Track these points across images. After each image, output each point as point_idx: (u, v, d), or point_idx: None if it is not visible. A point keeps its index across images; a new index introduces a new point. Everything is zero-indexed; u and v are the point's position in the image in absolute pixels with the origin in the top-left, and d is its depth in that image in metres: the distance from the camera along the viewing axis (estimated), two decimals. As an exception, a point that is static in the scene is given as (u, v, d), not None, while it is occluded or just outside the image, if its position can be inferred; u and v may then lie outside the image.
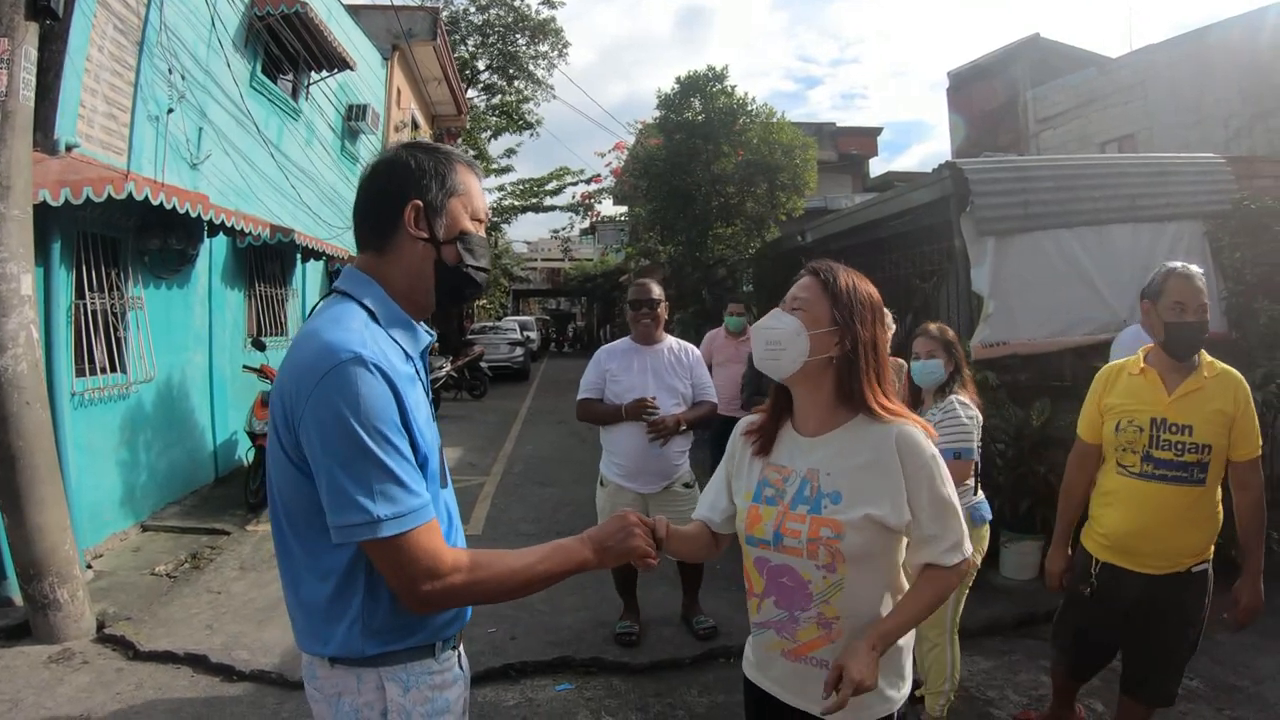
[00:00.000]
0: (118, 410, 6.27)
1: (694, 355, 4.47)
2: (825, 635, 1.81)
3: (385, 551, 1.37)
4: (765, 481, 1.91)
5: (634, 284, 4.53)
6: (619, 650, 4.41)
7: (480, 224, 1.63)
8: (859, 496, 1.77)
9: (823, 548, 1.76)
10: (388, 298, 1.55)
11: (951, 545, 1.78)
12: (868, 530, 1.74)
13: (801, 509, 1.81)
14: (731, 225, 11.82)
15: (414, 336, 1.58)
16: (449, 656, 1.61)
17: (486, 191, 23.15)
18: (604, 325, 38.72)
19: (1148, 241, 5.92)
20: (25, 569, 4.43)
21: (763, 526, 1.86)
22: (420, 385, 1.57)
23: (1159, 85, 13.76)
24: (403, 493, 1.37)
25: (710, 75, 11.57)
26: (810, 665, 1.83)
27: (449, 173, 1.58)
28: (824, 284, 1.84)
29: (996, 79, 18.23)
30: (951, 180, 5.78)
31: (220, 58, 7.79)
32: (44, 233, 5.05)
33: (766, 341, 1.84)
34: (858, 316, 1.81)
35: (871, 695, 1.74)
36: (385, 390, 1.38)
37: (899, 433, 1.78)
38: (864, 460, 1.79)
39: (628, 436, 4.24)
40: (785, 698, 1.89)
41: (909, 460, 1.76)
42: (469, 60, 26.03)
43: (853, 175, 23.48)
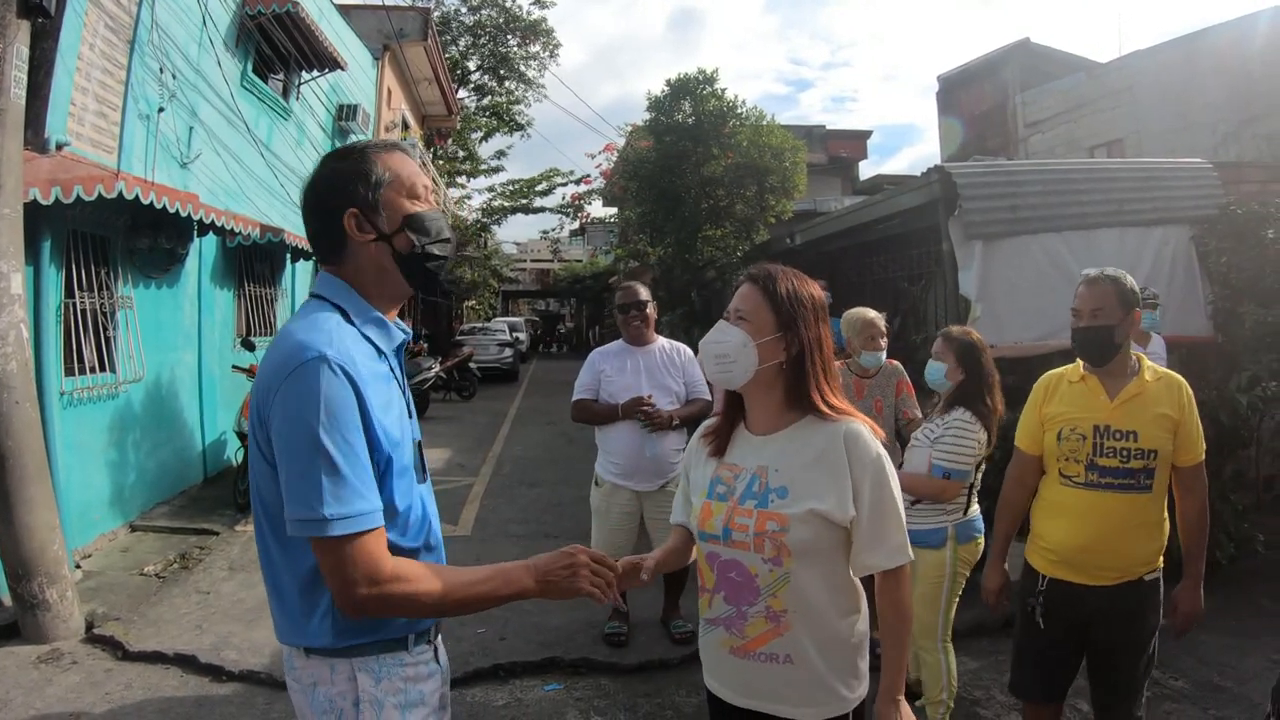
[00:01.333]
0: (107, 410, 6.25)
1: (686, 354, 4.53)
2: (773, 629, 1.83)
3: (327, 551, 1.39)
4: (718, 479, 1.95)
5: (621, 287, 4.61)
6: (608, 651, 4.43)
7: (422, 199, 1.62)
8: (805, 491, 1.80)
9: (768, 541, 1.80)
10: (359, 297, 1.58)
11: (895, 547, 1.81)
12: (812, 524, 1.78)
13: (749, 504, 1.85)
14: (721, 228, 11.86)
15: (387, 334, 1.61)
16: (423, 650, 1.62)
17: (476, 193, 23.08)
18: (593, 326, 38.72)
19: (1135, 246, 5.97)
20: (14, 569, 4.41)
21: (713, 522, 1.89)
22: (395, 382, 1.60)
23: (1148, 90, 13.86)
24: (352, 495, 1.39)
25: (700, 78, 11.62)
26: (758, 661, 1.85)
27: (370, 167, 1.57)
28: (765, 291, 1.87)
29: (986, 83, 18.31)
30: (940, 184, 5.83)
31: (211, 57, 7.78)
32: (34, 231, 5.02)
33: (715, 356, 1.88)
34: (801, 320, 1.85)
35: (826, 692, 1.82)
36: (347, 391, 1.41)
37: (847, 430, 1.82)
38: (811, 457, 1.83)
39: (623, 436, 4.30)
40: (732, 699, 1.93)
41: (855, 458, 1.80)
42: (460, 60, 26.01)
43: (842, 178, 23.54)
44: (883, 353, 4.28)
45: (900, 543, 1.81)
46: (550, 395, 18.32)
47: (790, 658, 1.83)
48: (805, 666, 1.82)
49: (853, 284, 8.56)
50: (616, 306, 4.52)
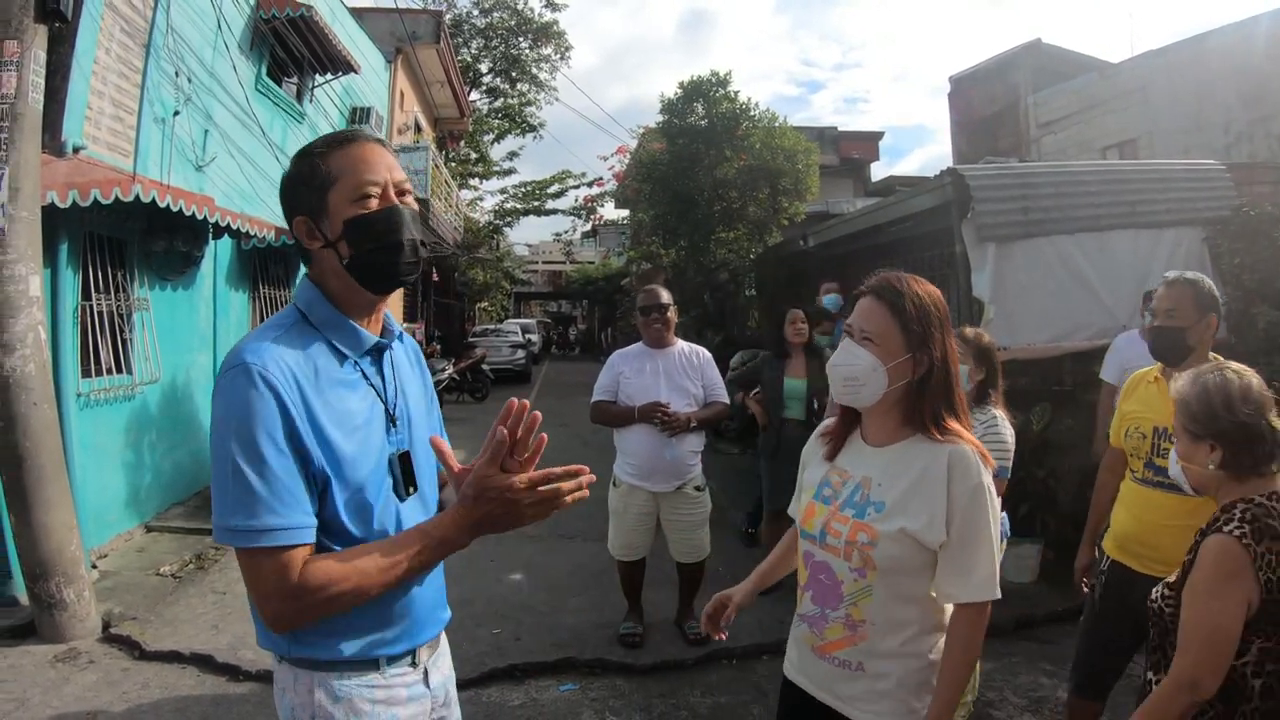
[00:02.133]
0: (123, 411, 6.30)
1: (705, 357, 4.55)
2: (850, 637, 1.85)
3: (241, 562, 1.37)
4: (826, 482, 1.97)
5: (643, 290, 4.62)
6: (622, 651, 4.44)
7: (371, 198, 1.49)
8: (900, 509, 1.79)
9: (857, 551, 1.81)
10: (323, 299, 1.53)
11: (981, 581, 1.75)
12: (902, 543, 1.77)
13: (848, 512, 1.86)
14: (734, 230, 11.83)
15: (353, 337, 1.54)
16: (401, 672, 1.56)
17: (489, 194, 23.09)
18: (605, 329, 38.73)
19: (1147, 247, 5.94)
20: (31, 569, 4.45)
21: (813, 522, 1.93)
22: (365, 390, 1.54)
23: (1160, 91, 13.77)
24: (261, 509, 1.33)
25: (713, 80, 11.59)
26: (832, 665, 1.88)
27: (315, 169, 1.50)
28: (892, 309, 1.82)
29: (998, 84, 18.21)
30: (953, 186, 5.81)
31: (226, 60, 7.83)
32: (51, 234, 5.07)
33: (845, 379, 1.85)
34: (931, 339, 1.81)
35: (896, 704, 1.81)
36: (265, 401, 1.35)
37: (952, 453, 1.78)
38: (914, 476, 1.80)
39: (641, 438, 4.32)
40: (812, 690, 1.96)
41: (955, 482, 1.76)
42: (472, 63, 26.06)
43: (854, 179, 23.47)
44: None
45: (986, 576, 1.75)
46: (563, 397, 18.32)
47: (863, 666, 1.84)
48: (877, 677, 1.83)
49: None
50: (638, 308, 4.54)
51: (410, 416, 1.63)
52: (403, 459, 1.57)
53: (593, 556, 6.02)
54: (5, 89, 4.35)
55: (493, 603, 5.14)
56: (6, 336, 4.36)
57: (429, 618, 1.61)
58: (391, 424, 1.57)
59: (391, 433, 1.56)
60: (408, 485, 1.57)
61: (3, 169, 4.33)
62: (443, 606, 1.70)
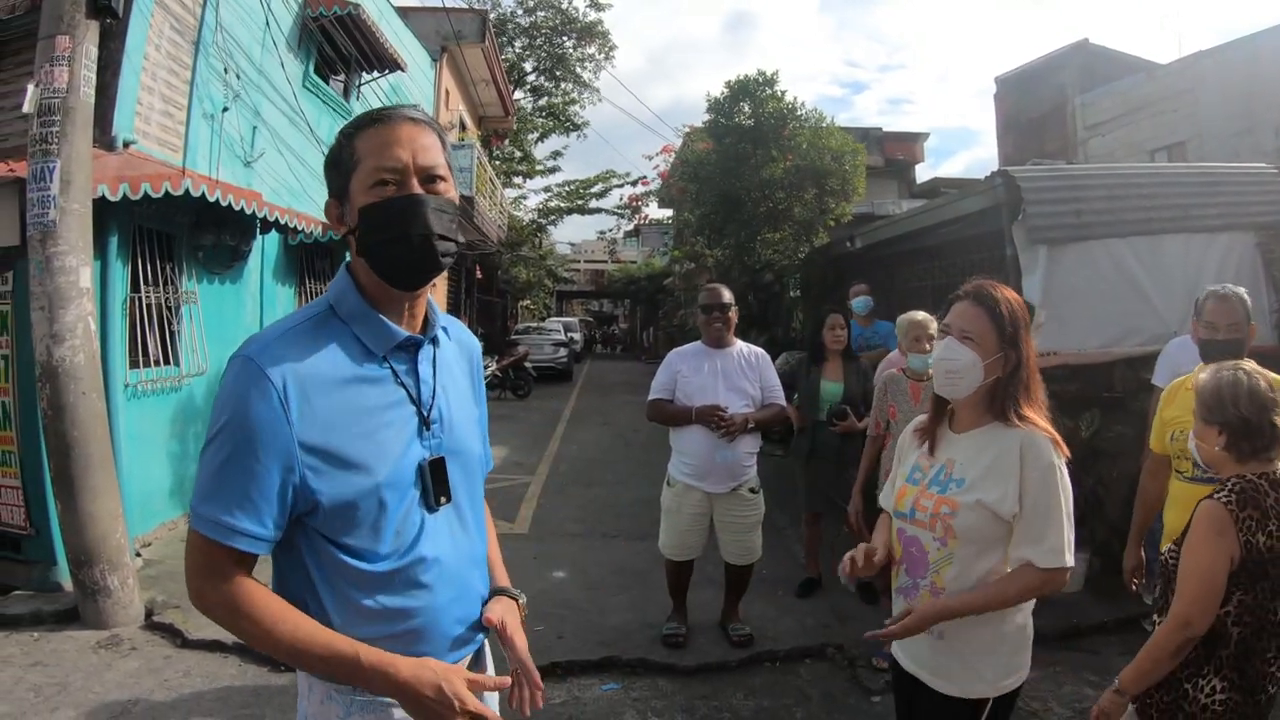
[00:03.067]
0: (169, 402, 6.40)
1: (763, 358, 4.49)
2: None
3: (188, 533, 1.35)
4: (917, 466, 2.22)
5: (705, 288, 4.56)
6: (665, 651, 4.39)
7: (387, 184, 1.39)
8: (978, 484, 2.03)
9: (940, 522, 2.06)
10: (354, 290, 1.44)
11: (1050, 548, 1.96)
12: (978, 513, 2.01)
13: (933, 489, 2.12)
14: (779, 230, 11.71)
15: (379, 332, 1.43)
16: None
17: (533, 193, 23.25)
18: (647, 328, 38.73)
19: (1199, 252, 5.78)
20: (76, 555, 4.52)
21: (905, 501, 2.18)
22: (389, 387, 1.43)
23: (1209, 92, 13.47)
24: (208, 498, 1.30)
25: (760, 80, 11.48)
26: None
27: (343, 150, 1.43)
28: (990, 313, 2.06)
29: (1044, 85, 17.89)
30: (1004, 188, 5.69)
31: (274, 58, 7.93)
32: (102, 227, 5.15)
33: (946, 372, 2.09)
34: (1019, 339, 2.06)
35: (970, 673, 2.05)
36: (257, 399, 1.29)
37: (1025, 437, 2.02)
38: (992, 458, 2.05)
39: (697, 438, 4.26)
40: (904, 663, 2.21)
41: (1028, 462, 1.99)
42: (516, 62, 26.22)
43: (899, 181, 23.17)
44: (930, 355, 4.15)
45: (1056, 546, 1.96)
46: (605, 395, 18.38)
47: (943, 634, 2.05)
48: (955, 644, 2.05)
49: (913, 289, 8.39)
50: (699, 306, 4.48)
51: (452, 419, 1.50)
52: (434, 466, 1.45)
53: (635, 555, 6.00)
54: (57, 83, 4.42)
55: (535, 600, 5.07)
56: (57, 327, 4.44)
57: (455, 639, 1.49)
58: (425, 427, 1.44)
59: (425, 436, 1.44)
60: (439, 495, 1.45)
61: (55, 162, 4.41)
62: (478, 625, 1.55)
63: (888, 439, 4.27)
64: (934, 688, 2.09)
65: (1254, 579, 2.06)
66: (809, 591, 5.26)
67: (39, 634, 4.48)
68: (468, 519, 1.54)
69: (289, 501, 1.33)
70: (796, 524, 6.25)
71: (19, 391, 4.99)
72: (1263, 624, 2.08)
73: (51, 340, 4.44)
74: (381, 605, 1.38)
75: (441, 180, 1.45)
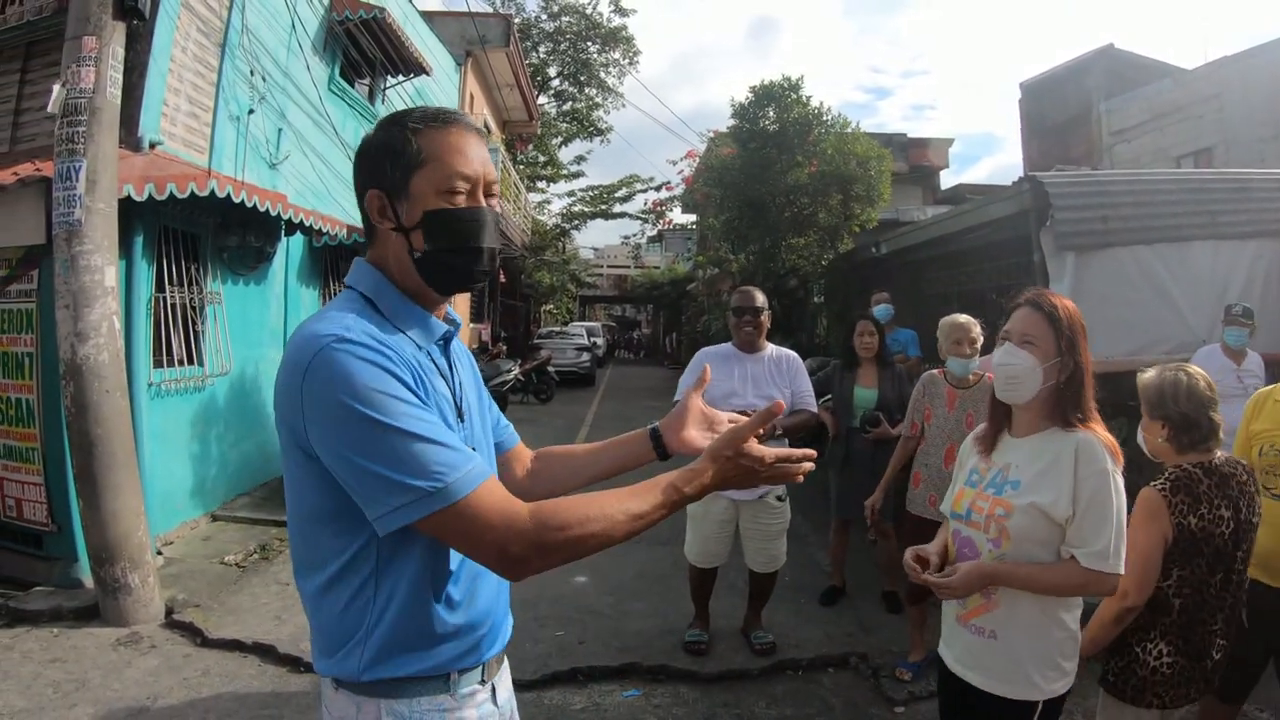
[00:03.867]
0: (193, 402, 6.43)
1: (795, 363, 4.39)
2: (985, 604, 2.13)
3: (448, 523, 1.21)
4: (975, 470, 2.28)
5: (738, 291, 4.47)
6: (687, 658, 4.34)
7: (459, 194, 1.36)
8: (1032, 487, 2.07)
9: (994, 523, 2.11)
10: (390, 286, 1.40)
11: (1097, 551, 1.98)
12: (1031, 515, 2.04)
13: (989, 491, 2.17)
14: (804, 236, 11.64)
15: (425, 327, 1.41)
16: (470, 690, 1.41)
17: (556, 197, 23.33)
18: (670, 333, 38.67)
19: (1228, 259, 5.71)
20: (98, 553, 4.54)
21: (961, 503, 2.24)
22: (445, 377, 1.43)
23: (1236, 98, 13.27)
24: (442, 452, 1.21)
25: (785, 85, 11.42)
26: (971, 632, 2.17)
27: (405, 146, 1.35)
28: (1049, 319, 2.10)
29: (1069, 90, 17.65)
30: (1031, 194, 5.62)
31: (300, 61, 7.97)
32: (127, 227, 5.18)
33: (1007, 376, 2.13)
34: (1076, 346, 2.10)
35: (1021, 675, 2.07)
36: (379, 367, 1.22)
37: (1081, 440, 2.05)
38: (1048, 461, 2.08)
39: None
40: (952, 665, 2.25)
41: (1082, 464, 2.02)
42: (540, 67, 26.31)
43: (923, 187, 22.95)
44: (971, 360, 4.04)
45: (1102, 550, 1.97)
46: (627, 400, 18.35)
47: (995, 634, 2.11)
48: (1006, 645, 2.09)
49: (939, 295, 8.32)
50: (730, 309, 4.38)
51: (472, 410, 1.51)
52: None
53: (657, 561, 5.95)
54: (84, 84, 4.45)
55: (557, 604, 5.08)
56: (81, 325, 4.47)
57: (501, 626, 1.49)
58: (459, 418, 1.43)
59: (459, 428, 1.41)
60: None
61: (81, 161, 4.44)
62: (510, 615, 1.57)
63: (921, 441, 4.20)
64: (986, 690, 2.12)
65: (1189, 556, 2.29)
66: (833, 600, 5.19)
67: (59, 630, 4.50)
68: None
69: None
70: (820, 531, 6.19)
71: (43, 389, 5.03)
72: (1203, 596, 2.31)
73: (76, 338, 4.46)
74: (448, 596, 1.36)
75: (496, 196, 1.45)
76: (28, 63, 5.81)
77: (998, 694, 2.10)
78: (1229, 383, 4.69)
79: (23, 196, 4.84)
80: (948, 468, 4.05)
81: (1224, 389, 4.54)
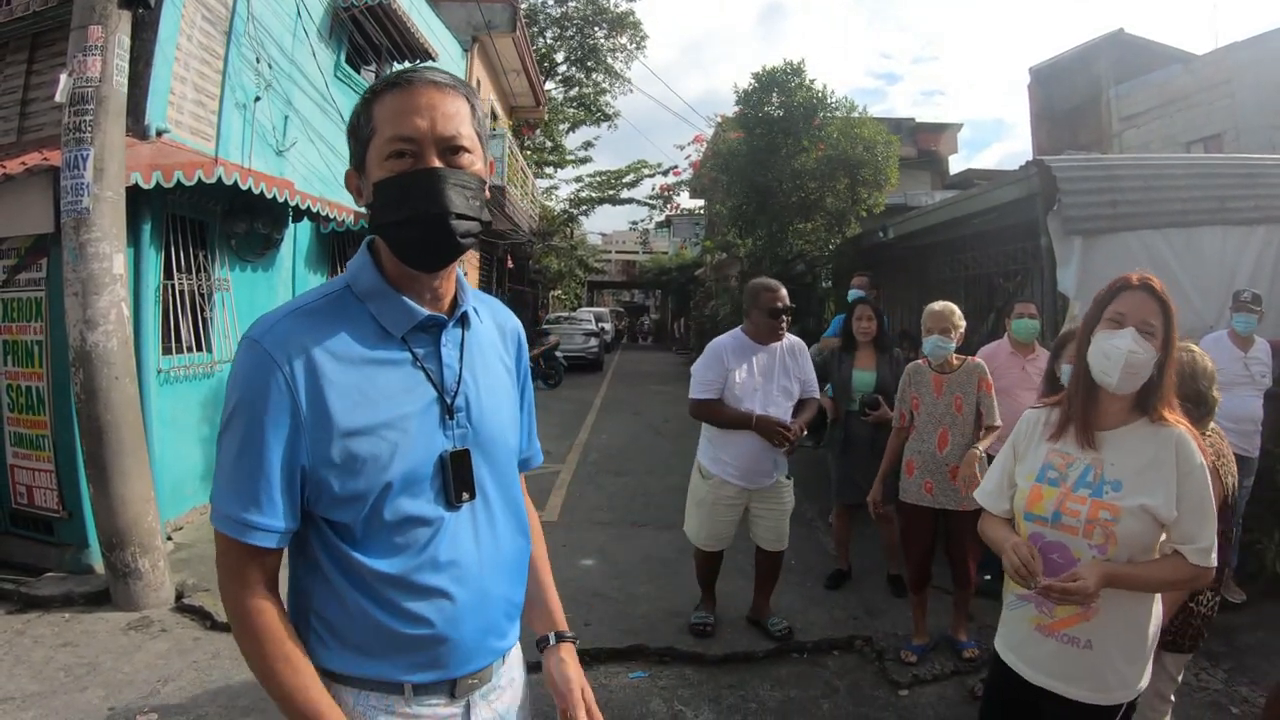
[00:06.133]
0: (202, 388, 6.47)
1: (802, 351, 4.40)
2: (1082, 614, 2.00)
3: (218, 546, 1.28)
4: (1049, 465, 2.11)
5: (764, 288, 4.27)
6: (693, 641, 4.37)
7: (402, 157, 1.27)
8: (1138, 488, 1.97)
9: (1099, 528, 1.98)
10: (371, 267, 1.34)
11: (1203, 548, 1.94)
12: (1142, 519, 1.95)
13: (1083, 492, 2.03)
14: (811, 221, 11.60)
15: (397, 311, 1.32)
16: (433, 703, 1.35)
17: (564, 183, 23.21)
18: (678, 319, 38.65)
19: (1236, 245, 5.68)
20: (108, 538, 4.58)
21: (1043, 505, 2.07)
22: (407, 371, 1.32)
23: (1246, 84, 13.18)
24: (228, 496, 1.24)
25: (788, 70, 11.35)
26: (1060, 642, 2.04)
27: (359, 118, 1.31)
28: (1163, 307, 2.00)
29: (1079, 75, 17.52)
30: (1039, 178, 5.59)
31: (306, 48, 7.96)
32: (135, 214, 5.21)
33: (1131, 365, 1.97)
34: (1172, 335, 2.01)
35: (1117, 678, 2.00)
36: (263, 378, 1.21)
37: (1178, 437, 1.98)
38: (1147, 459, 1.99)
39: (748, 441, 4.18)
40: (1029, 675, 2.10)
41: (1183, 463, 1.96)
42: (547, 53, 26.22)
43: (932, 172, 22.82)
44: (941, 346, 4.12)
45: (1206, 546, 1.94)
46: (635, 386, 18.36)
47: (1090, 644, 2.00)
48: (1103, 653, 2.00)
49: (945, 280, 8.29)
50: (764, 310, 4.21)
51: (480, 408, 1.38)
52: (456, 458, 1.33)
53: (663, 545, 5.97)
54: (90, 72, 4.46)
55: (564, 587, 5.06)
56: (90, 312, 4.49)
57: (477, 647, 1.37)
58: (448, 415, 1.33)
59: (448, 426, 1.33)
60: (460, 491, 1.33)
61: (88, 150, 4.45)
62: (501, 634, 1.43)
63: (911, 430, 4.22)
64: (1072, 697, 2.02)
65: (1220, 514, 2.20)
66: (838, 583, 5.21)
67: (70, 615, 4.55)
68: (497, 518, 1.41)
69: (299, 491, 1.26)
70: (825, 515, 6.20)
71: (52, 377, 5.06)
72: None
73: (85, 325, 4.49)
74: (395, 606, 1.28)
75: (465, 152, 1.30)
76: (34, 53, 5.82)
77: (1092, 703, 2.02)
78: (1236, 370, 4.67)
79: (31, 185, 4.86)
80: (941, 453, 4.08)
81: (1231, 376, 4.54)
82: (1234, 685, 3.85)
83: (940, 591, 4.51)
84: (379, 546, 1.28)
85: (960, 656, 4.11)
